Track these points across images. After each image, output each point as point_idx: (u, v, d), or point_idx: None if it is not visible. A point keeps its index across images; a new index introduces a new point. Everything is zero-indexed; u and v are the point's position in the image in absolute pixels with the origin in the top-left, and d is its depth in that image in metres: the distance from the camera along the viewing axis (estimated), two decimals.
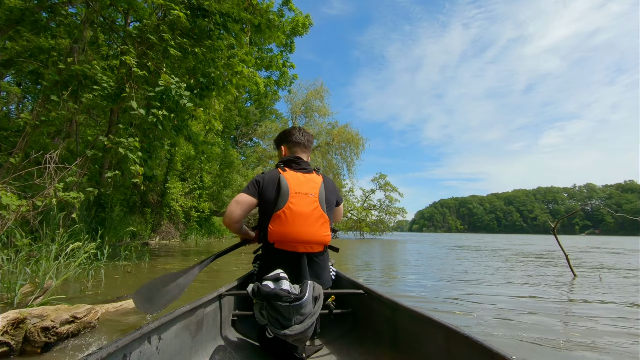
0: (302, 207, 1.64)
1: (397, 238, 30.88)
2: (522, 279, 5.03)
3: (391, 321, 1.45)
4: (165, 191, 13.68)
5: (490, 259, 8.71)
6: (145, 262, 5.64)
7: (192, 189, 15.27)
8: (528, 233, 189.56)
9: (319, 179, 1.75)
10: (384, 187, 25.09)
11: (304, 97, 27.22)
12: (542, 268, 6.59)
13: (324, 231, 1.67)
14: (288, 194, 1.64)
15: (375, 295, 1.60)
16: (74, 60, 5.09)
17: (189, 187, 15.24)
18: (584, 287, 4.42)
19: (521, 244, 20.05)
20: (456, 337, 1.00)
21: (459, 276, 5.16)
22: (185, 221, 14.84)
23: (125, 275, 4.35)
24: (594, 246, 18.97)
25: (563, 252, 5.36)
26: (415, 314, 1.25)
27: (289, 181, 1.68)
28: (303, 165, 1.82)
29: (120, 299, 2.84)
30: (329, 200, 1.76)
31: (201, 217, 17.47)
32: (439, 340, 1.09)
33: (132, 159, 4.34)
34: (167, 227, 13.92)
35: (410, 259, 8.21)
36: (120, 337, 0.88)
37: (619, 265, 7.45)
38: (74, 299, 2.84)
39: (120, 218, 12.09)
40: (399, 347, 1.37)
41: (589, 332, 2.40)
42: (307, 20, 16.18)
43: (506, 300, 3.49)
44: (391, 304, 1.44)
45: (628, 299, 3.67)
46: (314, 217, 1.64)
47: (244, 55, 5.27)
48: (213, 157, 16.46)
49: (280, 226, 1.63)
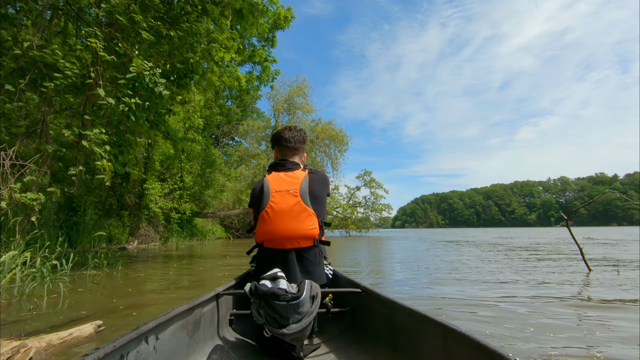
0: (282, 204, 1.68)
1: (383, 235, 30.85)
2: (537, 275, 4.61)
3: (389, 320, 1.44)
4: (144, 192, 12.97)
5: (492, 254, 8.53)
6: (118, 270, 5.09)
7: (172, 189, 14.56)
8: (506, 226, 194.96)
9: (302, 174, 1.79)
10: (369, 183, 24.91)
11: (286, 94, 26.66)
12: (549, 263, 6.22)
13: (309, 225, 1.69)
14: (269, 194, 1.71)
15: (373, 294, 1.59)
16: (33, 45, 4.52)
17: (169, 188, 14.53)
18: (605, 283, 3.99)
19: (509, 237, 20.24)
20: (454, 336, 1.00)
21: (475, 276, 4.66)
22: (165, 223, 14.15)
23: (92, 287, 3.80)
24: (579, 236, 19.32)
25: (577, 245, 5.10)
26: (412, 313, 1.24)
27: (270, 182, 1.76)
28: (288, 166, 1.88)
29: (77, 321, 2.30)
30: (315, 194, 1.77)
31: (182, 219, 16.78)
32: (437, 339, 1.08)
33: (98, 154, 3.83)
34: (146, 230, 13.22)
35: (411, 258, 7.92)
36: (118, 337, 0.86)
37: (625, 256, 7.15)
38: (16, 324, 2.27)
39: (94, 222, 11.36)
40: (397, 345, 1.37)
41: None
42: (289, 14, 15.72)
43: (530, 303, 3.01)
44: (389, 302, 1.44)
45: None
46: (295, 212, 1.67)
47: (225, 40, 4.81)
48: (194, 156, 15.78)
49: (264, 225, 1.69)
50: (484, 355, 0.85)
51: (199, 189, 18.65)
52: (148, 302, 3.04)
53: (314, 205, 1.73)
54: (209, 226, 22.29)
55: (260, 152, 27.12)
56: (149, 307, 2.87)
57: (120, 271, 5.03)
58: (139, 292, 3.46)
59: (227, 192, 23.40)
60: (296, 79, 27.03)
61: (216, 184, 19.29)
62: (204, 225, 21.79)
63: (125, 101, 4.10)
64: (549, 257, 7.27)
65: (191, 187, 16.92)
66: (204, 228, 21.25)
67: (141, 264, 6.08)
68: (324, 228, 1.82)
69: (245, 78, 15.47)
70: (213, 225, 23.05)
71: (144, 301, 3.08)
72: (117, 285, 3.95)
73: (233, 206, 24.46)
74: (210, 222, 23.06)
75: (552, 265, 5.78)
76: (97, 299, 3.19)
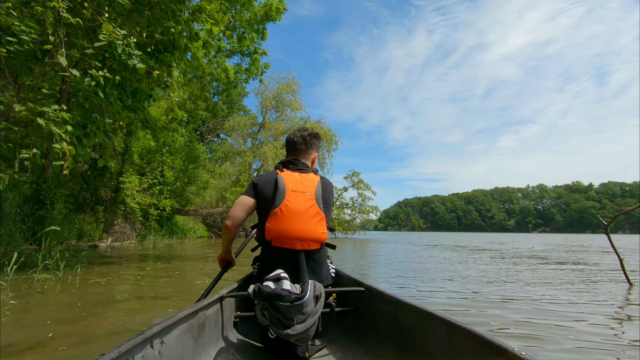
0: (299, 204, 1.65)
1: (369, 237, 30.54)
2: (572, 293, 3.87)
3: (393, 318, 1.43)
4: (119, 186, 12.09)
5: (500, 261, 8.15)
6: (77, 274, 4.32)
7: (151, 184, 13.68)
8: (486, 231, 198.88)
9: (316, 179, 1.78)
10: (357, 184, 24.51)
11: (274, 91, 25.97)
12: (575, 274, 5.71)
13: (320, 228, 1.68)
14: (285, 192, 1.66)
15: (377, 292, 1.59)
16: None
17: (148, 183, 13.64)
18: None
19: (501, 243, 20.17)
20: (459, 332, 0.99)
21: (498, 290, 4.15)
22: (143, 220, 13.28)
23: (32, 298, 2.99)
24: (561, 245, 19.43)
25: (617, 255, 4.62)
26: (417, 310, 1.23)
27: (285, 180, 1.70)
28: (300, 166, 1.84)
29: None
30: (326, 199, 1.77)
31: (162, 216, 15.89)
32: (442, 335, 1.07)
33: (57, 135, 3.17)
34: (121, 227, 12.33)
35: (414, 263, 7.47)
36: (122, 342, 0.84)
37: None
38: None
39: (63, 216, 10.46)
40: (402, 343, 1.36)
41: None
42: (281, 5, 15.09)
43: (586, 331, 2.42)
44: (393, 300, 1.43)
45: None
46: (309, 215, 1.65)
47: (214, 12, 4.19)
48: (175, 149, 14.94)
49: (277, 223, 1.64)
50: (490, 350, 0.84)
51: (181, 185, 17.78)
52: (91, 328, 2.22)
53: (325, 210, 1.72)
54: (190, 224, 21.38)
55: (246, 149, 26.32)
56: (89, 339, 2.02)
57: (80, 275, 4.29)
58: (89, 310, 2.68)
59: (211, 190, 22.56)
60: (285, 76, 26.38)
61: (199, 180, 18.46)
62: (185, 223, 20.87)
63: (93, 74, 3.44)
64: (579, 269, 6.93)
65: (172, 182, 16.06)
66: (185, 226, 20.33)
67: (107, 266, 5.36)
68: (329, 233, 1.80)
69: (234, 70, 14.74)
70: (195, 224, 22.13)
71: (88, 326, 2.26)
72: (67, 295, 3.18)
73: (216, 204, 23.60)
74: (192, 220, 22.15)
75: (584, 277, 5.40)
76: (25, 318, 2.43)
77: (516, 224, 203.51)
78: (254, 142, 26.85)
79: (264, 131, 25.97)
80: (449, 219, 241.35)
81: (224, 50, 15.26)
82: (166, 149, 14.33)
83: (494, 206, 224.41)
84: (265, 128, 26.00)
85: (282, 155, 23.56)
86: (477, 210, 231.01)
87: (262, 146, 24.00)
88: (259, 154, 23.50)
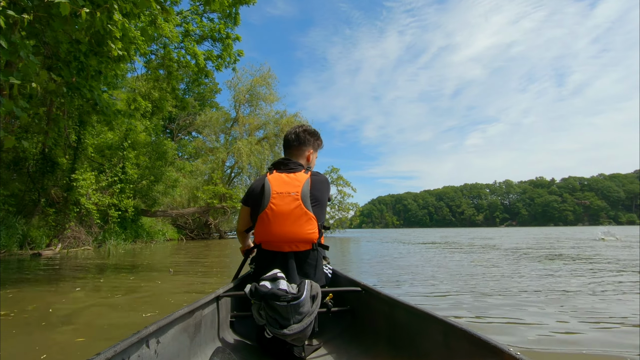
0: (283, 206, 1.63)
1: (348, 236, 29.91)
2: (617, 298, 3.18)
3: (390, 318, 1.42)
4: (72, 184, 10.56)
5: (516, 260, 7.51)
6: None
7: (111, 182, 12.15)
8: (457, 227, 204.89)
9: (304, 177, 1.72)
10: (337, 181, 23.69)
11: (248, 84, 24.62)
12: (599, 273, 5.06)
13: (309, 229, 1.64)
14: (270, 195, 1.65)
15: (373, 292, 1.58)
16: None
17: (107, 180, 12.11)
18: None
19: (490, 238, 20.01)
20: (455, 332, 0.99)
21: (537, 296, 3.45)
22: (101, 223, 11.77)
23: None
24: (528, 236, 19.47)
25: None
26: (413, 310, 1.24)
27: (271, 183, 1.69)
28: (290, 166, 1.82)
29: None
30: (316, 197, 1.70)
31: (125, 218, 14.35)
32: (438, 336, 1.08)
33: None
34: (75, 232, 10.82)
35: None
36: (118, 342, 0.82)
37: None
38: None
39: (1, 219, 8.91)
40: (398, 343, 1.35)
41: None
42: None
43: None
44: (389, 300, 1.43)
45: None
46: (295, 216, 1.62)
47: None
48: (139, 143, 13.47)
49: (263, 227, 1.65)
50: (486, 350, 0.84)
51: (147, 183, 16.23)
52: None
53: (314, 208, 1.67)
54: (158, 226, 19.77)
55: (219, 145, 24.83)
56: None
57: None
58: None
59: (181, 189, 21.00)
60: (260, 68, 25.07)
61: (167, 178, 16.98)
62: (152, 225, 19.25)
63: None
64: (590, 266, 6.37)
65: (137, 181, 14.54)
66: (152, 228, 18.74)
67: (34, 285, 4.13)
68: (323, 231, 1.75)
69: (204, 55, 13.43)
70: (164, 225, 20.50)
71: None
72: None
73: (188, 204, 22.01)
74: (161, 221, 20.51)
75: (599, 275, 4.77)
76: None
77: (485, 219, 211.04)
78: (227, 138, 25.40)
79: (238, 126, 24.60)
80: (421, 215, 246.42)
81: (193, 34, 13.85)
82: (128, 144, 12.84)
83: (463, 202, 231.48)
84: (239, 123, 24.63)
85: (256, 151, 22.33)
86: (447, 206, 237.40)
87: (235, 142, 22.64)
88: (233, 150, 22.13)
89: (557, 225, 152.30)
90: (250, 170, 22.84)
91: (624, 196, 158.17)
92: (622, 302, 3.01)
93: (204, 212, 20.47)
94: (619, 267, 5.48)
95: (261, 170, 22.44)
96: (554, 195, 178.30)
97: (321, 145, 2.05)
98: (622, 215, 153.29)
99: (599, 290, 3.58)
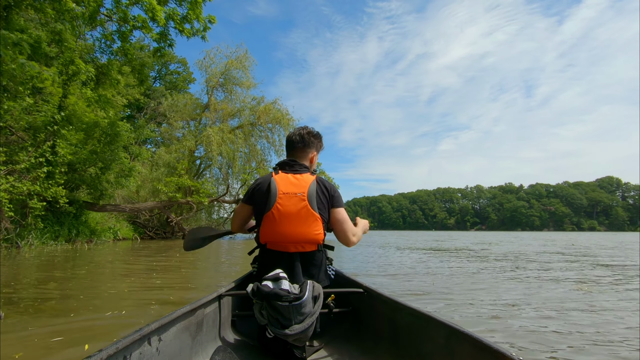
0: (290, 207, 1.63)
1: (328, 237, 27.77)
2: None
3: (391, 319, 1.43)
4: None
5: (524, 267, 5.65)
6: None
7: (33, 163, 9.32)
8: (429, 229, 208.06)
9: (310, 178, 1.73)
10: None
11: (222, 66, 21.96)
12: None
13: (315, 230, 1.65)
14: (276, 195, 1.65)
15: (375, 294, 1.58)
16: None
17: (29, 162, 9.28)
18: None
19: (478, 242, 18.49)
20: (457, 335, 0.99)
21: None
22: (16, 217, 8.94)
23: None
24: (497, 239, 18.21)
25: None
26: (415, 312, 1.23)
27: (277, 183, 1.69)
28: (296, 167, 1.82)
29: None
30: (322, 199, 1.71)
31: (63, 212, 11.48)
32: (440, 338, 1.07)
33: None
34: None
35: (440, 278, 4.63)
36: (120, 339, 0.83)
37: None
38: None
39: None
40: (400, 345, 1.35)
41: None
42: None
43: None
44: (391, 302, 1.43)
45: None
46: (302, 216, 1.63)
47: None
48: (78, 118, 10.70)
49: (269, 227, 1.65)
50: (487, 354, 0.83)
51: (96, 171, 13.36)
52: None
53: (320, 210, 1.68)
54: (110, 222, 16.81)
55: (187, 133, 22.00)
56: None
57: None
58: None
59: (138, 179, 18.06)
60: (236, 50, 22.36)
61: (120, 166, 14.17)
62: (102, 221, 16.29)
63: None
64: None
65: (76, 165, 11.71)
66: (101, 225, 15.79)
67: None
68: (327, 232, 1.76)
69: (165, 13, 10.83)
70: (117, 222, 17.51)
71: None
72: None
73: (147, 198, 19.06)
74: (115, 217, 17.53)
75: None
76: None
77: (456, 223, 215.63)
78: (197, 126, 22.57)
79: (209, 112, 21.87)
80: (395, 217, 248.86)
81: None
82: (62, 116, 10.05)
83: (436, 205, 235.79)
84: (211, 109, 21.88)
85: (229, 140, 19.72)
86: (421, 210, 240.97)
87: (205, 129, 19.93)
88: (202, 138, 19.43)
89: (524, 230, 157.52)
90: (221, 162, 20.15)
91: (586, 203, 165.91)
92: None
93: (164, 207, 17.62)
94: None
95: (234, 162, 19.89)
96: (522, 201, 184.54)
97: (322, 147, 2.06)
98: (584, 222, 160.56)
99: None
